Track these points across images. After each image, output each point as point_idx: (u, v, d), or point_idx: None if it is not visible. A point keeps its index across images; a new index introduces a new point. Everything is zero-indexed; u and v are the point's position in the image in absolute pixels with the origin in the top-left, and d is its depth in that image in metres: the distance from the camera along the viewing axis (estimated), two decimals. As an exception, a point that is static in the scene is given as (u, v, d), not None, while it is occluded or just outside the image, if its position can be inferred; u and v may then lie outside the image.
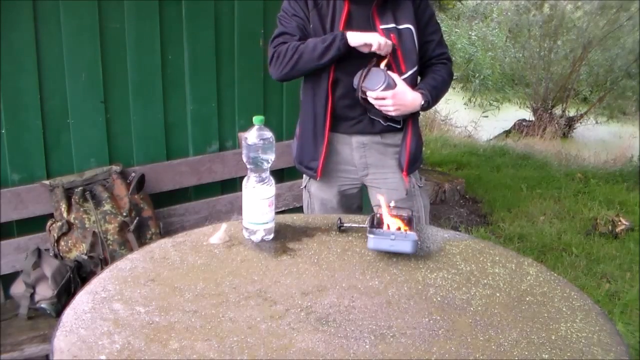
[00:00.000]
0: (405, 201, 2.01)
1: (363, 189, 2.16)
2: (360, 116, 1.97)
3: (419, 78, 2.02)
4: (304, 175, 2.16)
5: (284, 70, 1.91)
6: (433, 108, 9.16)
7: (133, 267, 1.39)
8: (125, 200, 2.41)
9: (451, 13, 12.40)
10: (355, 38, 1.83)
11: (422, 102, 1.91)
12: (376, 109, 1.90)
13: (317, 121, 1.99)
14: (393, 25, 1.89)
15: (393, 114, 1.90)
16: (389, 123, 1.98)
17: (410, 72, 1.92)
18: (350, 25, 1.90)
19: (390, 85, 1.85)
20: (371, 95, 1.86)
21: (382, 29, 1.88)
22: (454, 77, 2.44)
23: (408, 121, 1.99)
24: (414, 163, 2.04)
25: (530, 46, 9.21)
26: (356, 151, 2.03)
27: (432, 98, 1.94)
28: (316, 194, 2.13)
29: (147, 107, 2.64)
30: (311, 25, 1.93)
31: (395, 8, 1.90)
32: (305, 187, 2.18)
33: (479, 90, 11.19)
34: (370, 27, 1.89)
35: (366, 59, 1.87)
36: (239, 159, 2.56)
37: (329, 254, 1.49)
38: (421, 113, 2.11)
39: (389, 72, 1.87)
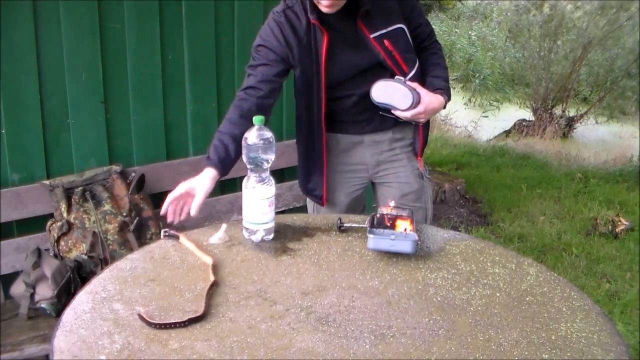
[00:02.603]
0: (417, 192, 2.02)
1: (368, 190, 2.15)
2: (371, 117, 1.96)
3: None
4: None
5: None
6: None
7: (133, 267, 1.39)
8: (125, 200, 2.41)
9: (451, 13, 12.40)
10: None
11: (445, 103, 1.92)
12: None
13: (314, 152, 1.98)
14: (383, 30, 1.85)
15: (423, 121, 1.92)
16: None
17: (413, 71, 1.91)
18: (335, 46, 1.82)
19: (418, 100, 1.82)
20: (404, 116, 1.84)
21: (374, 37, 1.83)
22: (454, 77, 2.44)
23: None
24: (424, 145, 2.06)
25: (530, 46, 9.20)
26: (368, 149, 2.02)
27: (449, 93, 1.96)
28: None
29: (147, 107, 2.64)
30: (296, 58, 1.85)
31: (380, 13, 1.85)
32: None
33: (479, 90, 11.18)
34: (360, 40, 1.84)
35: (363, 75, 1.86)
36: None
37: (329, 254, 1.49)
38: None
39: (408, 82, 1.83)
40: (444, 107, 1.95)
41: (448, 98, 1.93)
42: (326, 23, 1.80)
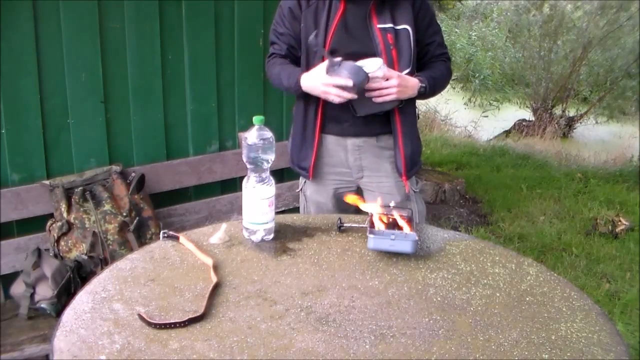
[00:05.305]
0: (399, 205, 1.99)
1: (359, 193, 2.15)
2: (354, 118, 1.95)
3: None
4: (301, 178, 2.15)
5: (270, 82, 2.08)
6: (433, 107, 9.11)
7: (133, 267, 1.39)
8: (125, 200, 2.41)
9: (451, 13, 12.40)
10: (306, 83, 1.90)
11: (420, 86, 1.90)
12: (364, 102, 1.85)
13: (308, 122, 2.00)
14: (390, 25, 1.88)
15: (394, 96, 1.83)
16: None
17: (404, 73, 1.91)
18: (345, 24, 1.89)
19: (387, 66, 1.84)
20: (378, 75, 1.78)
21: (380, 28, 1.87)
22: (454, 77, 2.44)
23: (397, 123, 1.96)
24: (412, 167, 2.02)
25: (530, 46, 9.20)
26: (351, 153, 2.02)
27: (430, 86, 1.92)
28: (312, 197, 2.12)
29: (147, 107, 2.64)
30: (302, 25, 1.92)
31: (393, 8, 1.89)
32: (301, 189, 2.16)
33: (479, 90, 11.18)
34: (366, 26, 1.88)
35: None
36: (239, 159, 2.56)
37: (329, 254, 1.49)
38: (420, 116, 2.10)
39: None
40: (420, 94, 1.92)
41: (426, 86, 1.91)
42: None
